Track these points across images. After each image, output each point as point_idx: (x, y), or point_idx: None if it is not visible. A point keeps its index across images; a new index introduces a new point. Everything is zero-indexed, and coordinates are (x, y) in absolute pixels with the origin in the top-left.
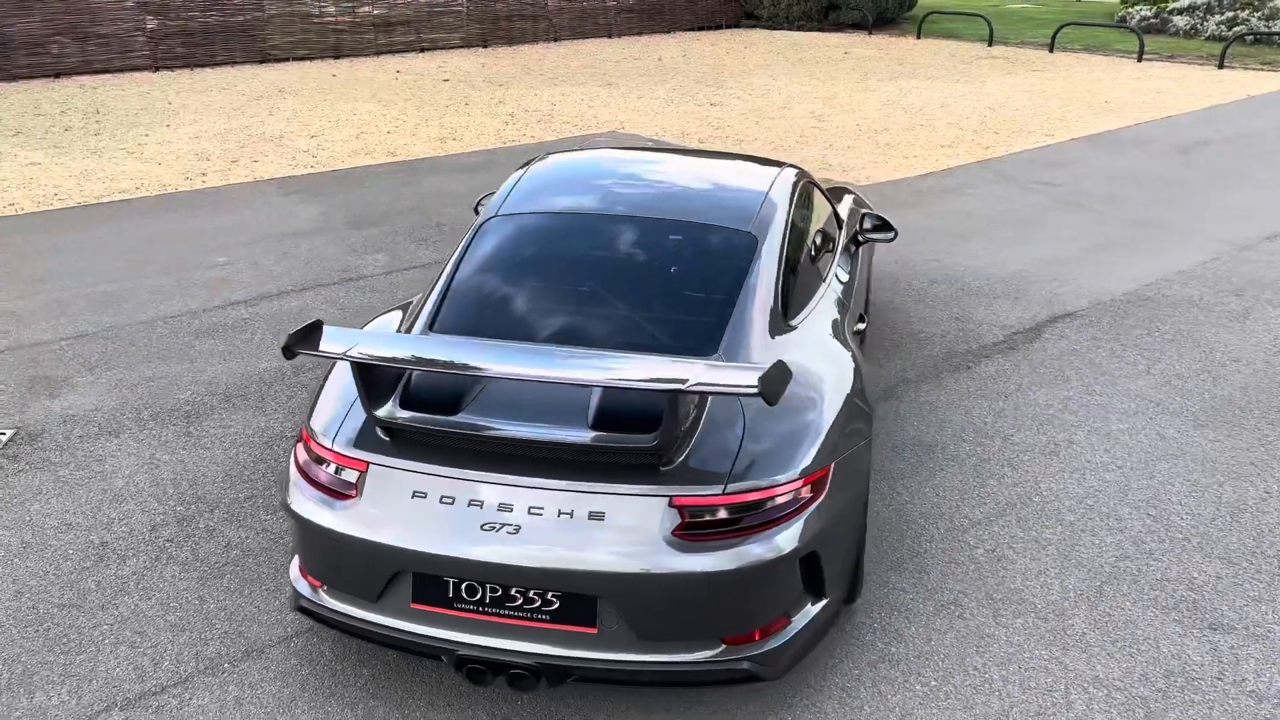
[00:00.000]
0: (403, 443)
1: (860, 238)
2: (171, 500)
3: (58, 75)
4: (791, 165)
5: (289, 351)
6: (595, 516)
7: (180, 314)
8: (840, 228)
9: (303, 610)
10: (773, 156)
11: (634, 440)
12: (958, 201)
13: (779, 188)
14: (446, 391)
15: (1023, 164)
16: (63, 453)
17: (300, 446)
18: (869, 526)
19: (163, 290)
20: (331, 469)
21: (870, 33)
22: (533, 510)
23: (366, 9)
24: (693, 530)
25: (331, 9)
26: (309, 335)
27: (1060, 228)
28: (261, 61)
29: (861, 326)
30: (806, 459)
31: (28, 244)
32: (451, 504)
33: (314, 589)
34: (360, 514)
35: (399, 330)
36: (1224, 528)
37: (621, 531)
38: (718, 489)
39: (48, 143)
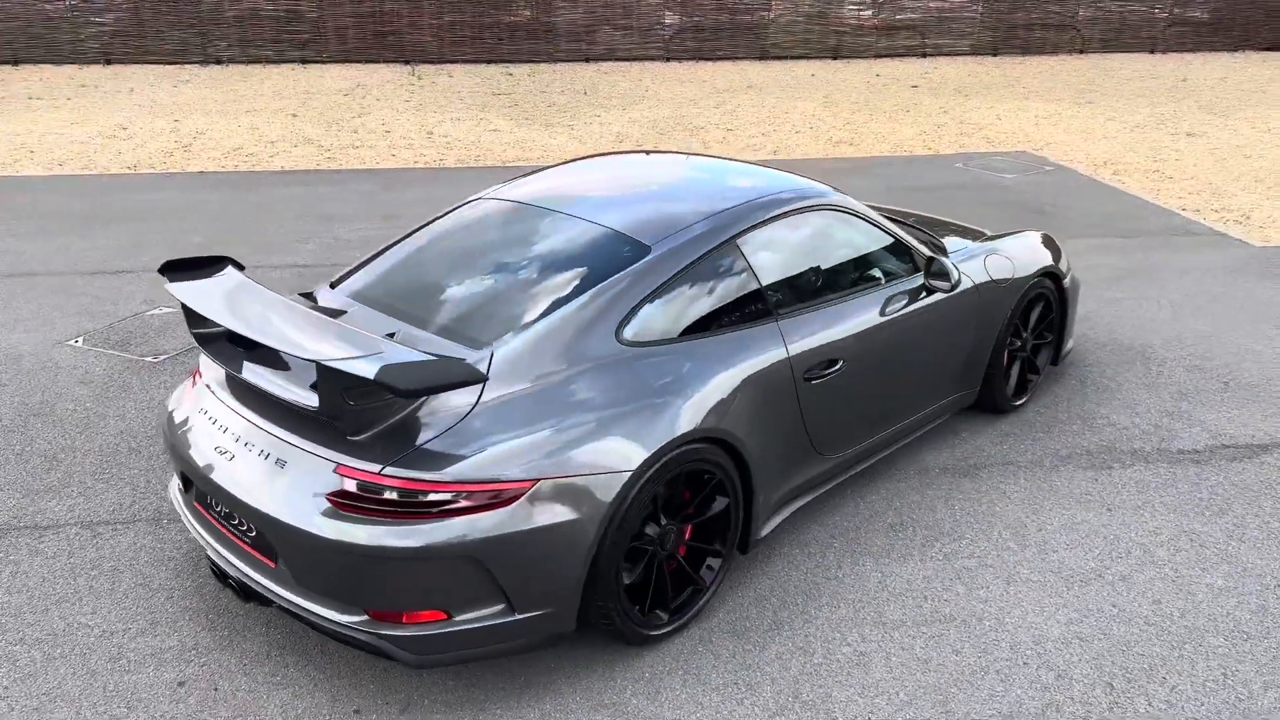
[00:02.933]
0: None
1: (927, 284)
2: None
3: (587, 60)
4: (822, 190)
5: (162, 270)
6: (279, 463)
7: None
8: (913, 270)
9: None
10: (1179, 194)
11: (308, 402)
12: None
13: (749, 208)
14: None
15: None
16: None
17: None
18: (758, 587)
19: None
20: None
21: None
22: (247, 444)
23: (869, 12)
24: (346, 499)
25: (863, 12)
26: (193, 266)
27: None
28: (760, 58)
29: (832, 373)
30: (496, 465)
31: (403, 191)
32: (210, 424)
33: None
34: (173, 414)
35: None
36: None
37: (291, 483)
38: (376, 467)
39: (523, 115)
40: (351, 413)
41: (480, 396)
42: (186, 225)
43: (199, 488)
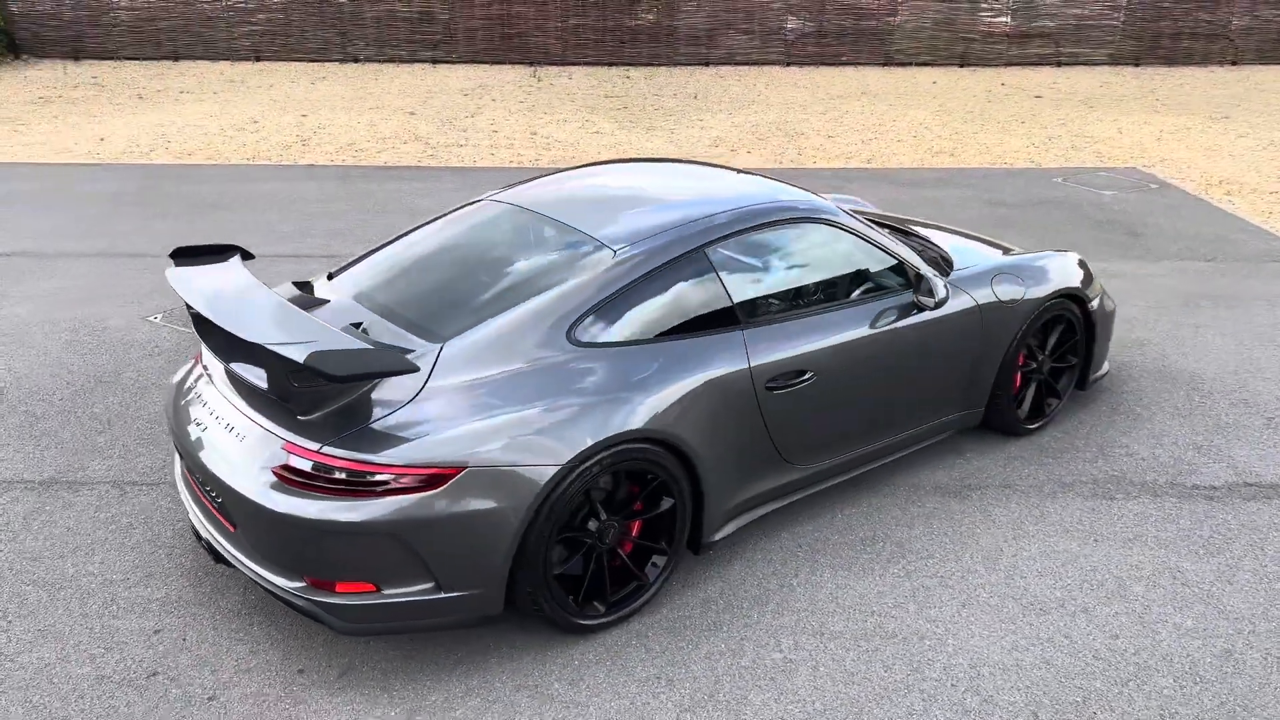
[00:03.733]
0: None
1: (916, 301)
2: None
3: (707, 64)
4: (810, 204)
5: (172, 255)
6: (240, 438)
7: None
8: (905, 286)
9: None
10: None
11: (260, 382)
12: None
13: (724, 218)
14: None
15: None
16: None
17: None
18: (709, 588)
19: None
20: None
21: None
22: (217, 418)
23: (1002, 19)
24: (289, 473)
25: (995, 19)
26: (202, 254)
27: None
28: (883, 65)
29: (800, 384)
30: (426, 451)
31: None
32: (197, 400)
33: None
34: (175, 391)
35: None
36: None
37: (246, 455)
38: (316, 445)
39: (629, 118)
40: (298, 394)
41: (425, 385)
42: (280, 214)
43: (184, 458)
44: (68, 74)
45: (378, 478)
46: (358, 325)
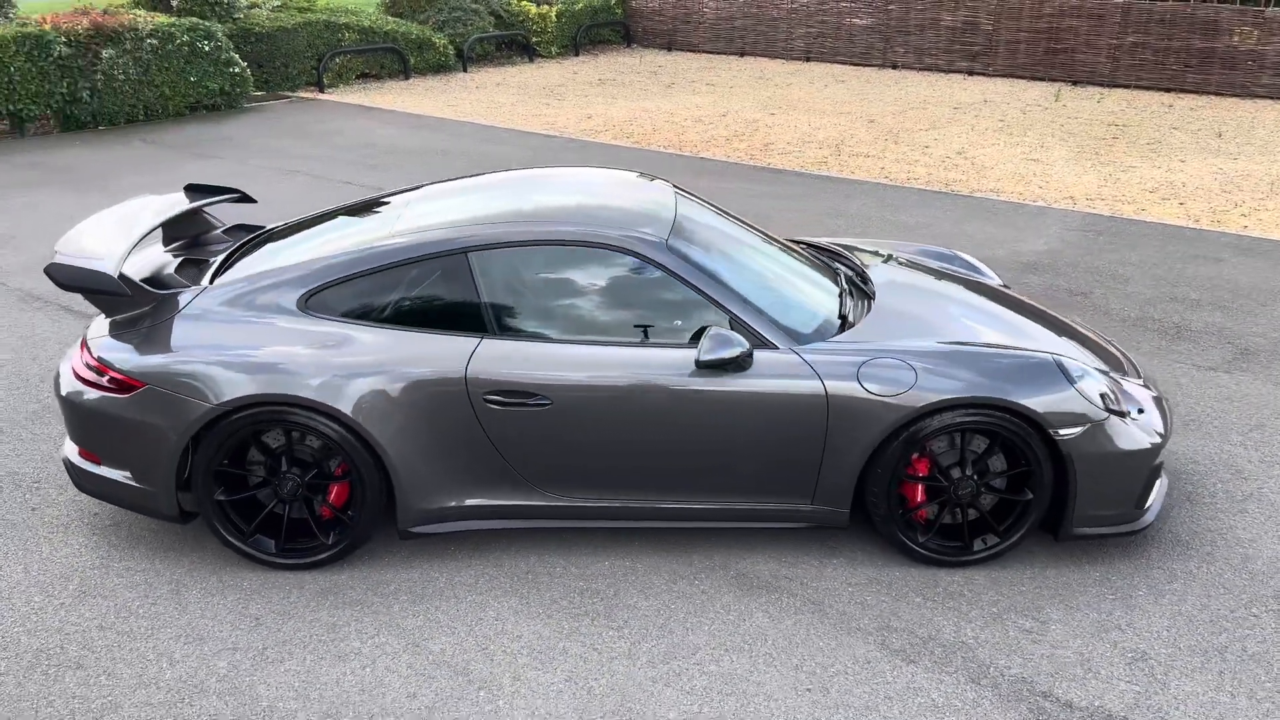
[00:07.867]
0: None
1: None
2: None
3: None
4: (640, 241)
5: (185, 188)
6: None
7: None
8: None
9: None
10: None
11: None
12: None
13: (514, 228)
14: None
15: None
16: None
17: None
18: (395, 574)
19: None
20: None
21: None
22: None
23: None
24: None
25: None
26: (210, 191)
27: None
28: None
29: (527, 405)
30: (131, 362)
31: (821, 200)
32: None
33: None
34: None
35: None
36: None
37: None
38: (83, 336)
39: (1098, 149)
40: (100, 300)
41: (173, 315)
42: None
43: None
44: (643, 61)
45: (98, 375)
46: (198, 261)
